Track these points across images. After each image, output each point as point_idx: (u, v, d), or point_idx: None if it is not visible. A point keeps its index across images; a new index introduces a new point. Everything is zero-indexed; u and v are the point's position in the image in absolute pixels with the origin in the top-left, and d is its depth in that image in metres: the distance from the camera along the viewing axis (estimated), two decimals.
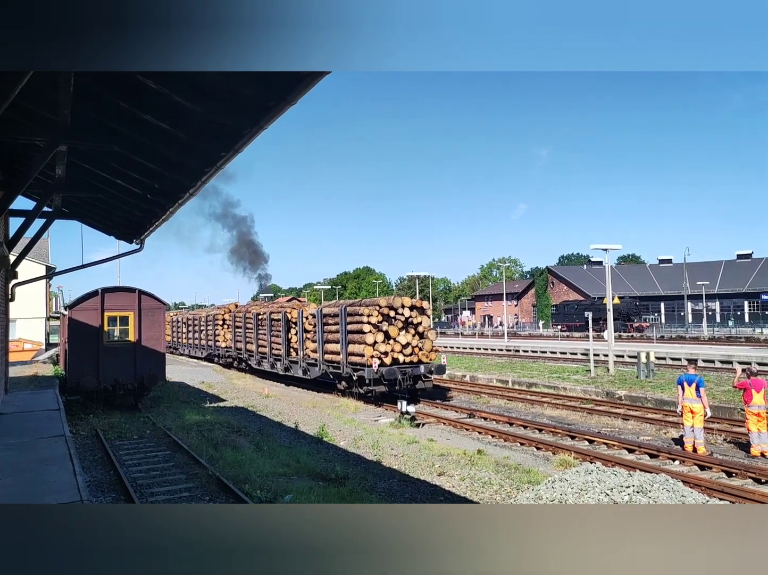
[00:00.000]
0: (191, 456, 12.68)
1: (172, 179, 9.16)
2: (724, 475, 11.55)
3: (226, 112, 6.35)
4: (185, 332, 44.02)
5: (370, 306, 21.17)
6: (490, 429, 16.44)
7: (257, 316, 30.18)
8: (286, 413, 19.27)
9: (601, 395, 21.32)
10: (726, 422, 16.02)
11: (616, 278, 70.19)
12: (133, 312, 19.40)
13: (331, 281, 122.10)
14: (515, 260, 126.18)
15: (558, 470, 11.48)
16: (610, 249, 28.15)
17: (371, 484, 10.79)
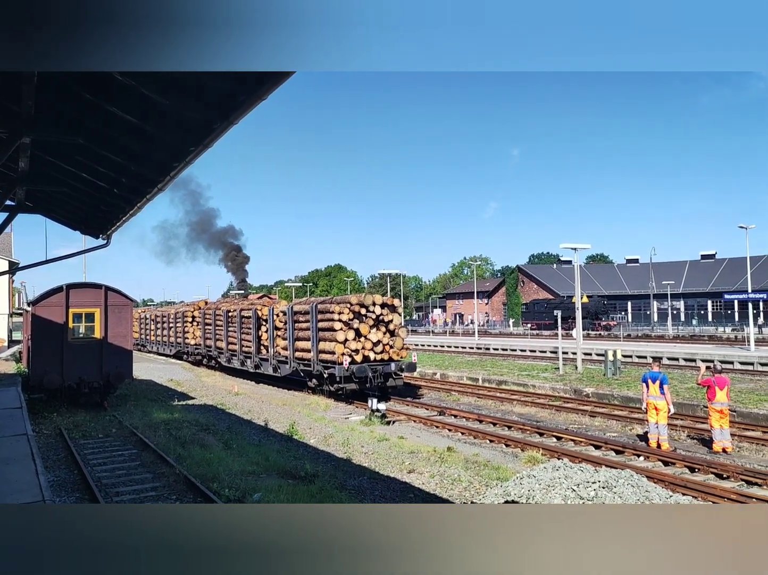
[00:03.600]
0: (158, 454, 12.50)
1: (140, 173, 9.00)
2: (687, 470, 11.81)
3: (195, 106, 6.25)
4: (153, 329, 43.38)
5: (342, 304, 21.12)
6: (460, 427, 16.55)
7: (227, 313, 29.88)
8: (255, 410, 19.12)
9: (569, 392, 21.63)
10: (689, 419, 16.39)
11: (585, 277, 71.30)
12: (99, 309, 19.03)
13: (302, 279, 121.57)
14: (486, 259, 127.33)
15: (526, 466, 11.61)
16: (580, 248, 28.57)
17: (341, 482, 10.77)
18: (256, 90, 5.46)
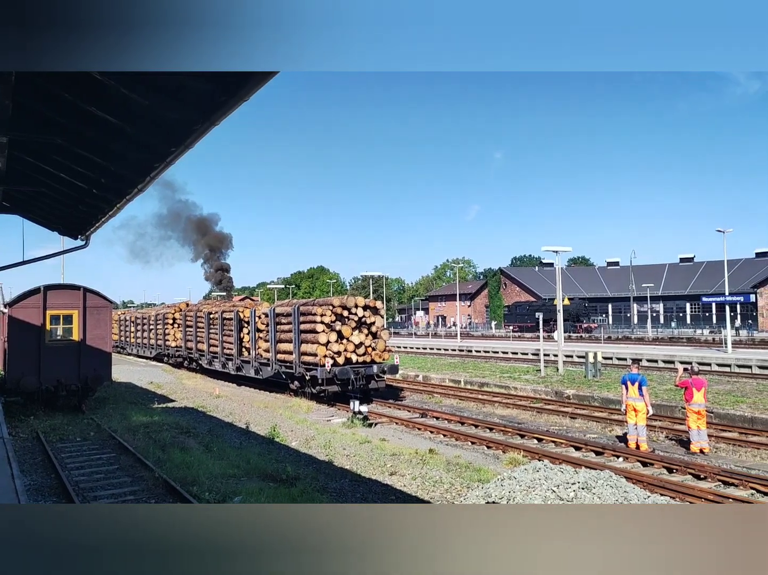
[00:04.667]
0: (137, 458, 12.37)
1: (120, 173, 8.91)
2: (665, 471, 11.95)
3: (175, 107, 6.21)
4: (134, 332, 42.95)
5: (324, 306, 21.08)
6: (441, 429, 16.59)
7: (209, 315, 29.67)
8: (237, 413, 19.00)
9: (550, 394, 21.78)
10: (668, 420, 16.58)
11: (566, 279, 71.90)
12: (78, 310, 18.80)
13: (284, 281, 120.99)
14: (468, 261, 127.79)
15: (507, 468, 11.66)
16: (561, 251, 28.80)
17: (322, 484, 10.74)
18: (237, 91, 5.44)
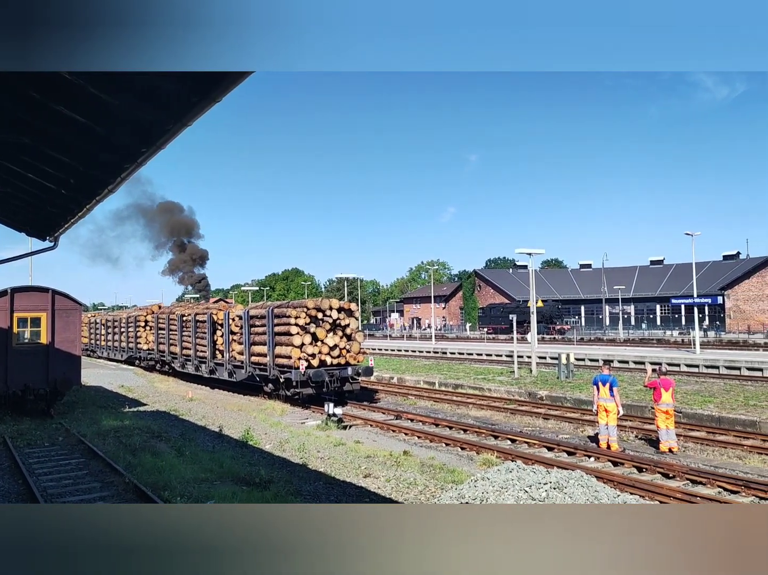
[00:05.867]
0: (107, 463, 12.16)
1: (89, 174, 8.76)
2: (635, 470, 12.14)
3: (147, 107, 6.13)
4: (104, 334, 42.26)
5: (298, 308, 20.99)
6: (416, 430, 16.62)
7: (182, 317, 29.34)
8: (210, 416, 18.80)
9: (523, 395, 21.98)
10: (638, 420, 16.85)
11: (540, 281, 72.61)
12: (46, 313, 18.42)
13: (259, 283, 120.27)
14: (443, 263, 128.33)
15: (481, 469, 11.73)
16: (534, 253, 29.07)
17: (296, 487, 10.68)
18: (209, 92, 5.39)
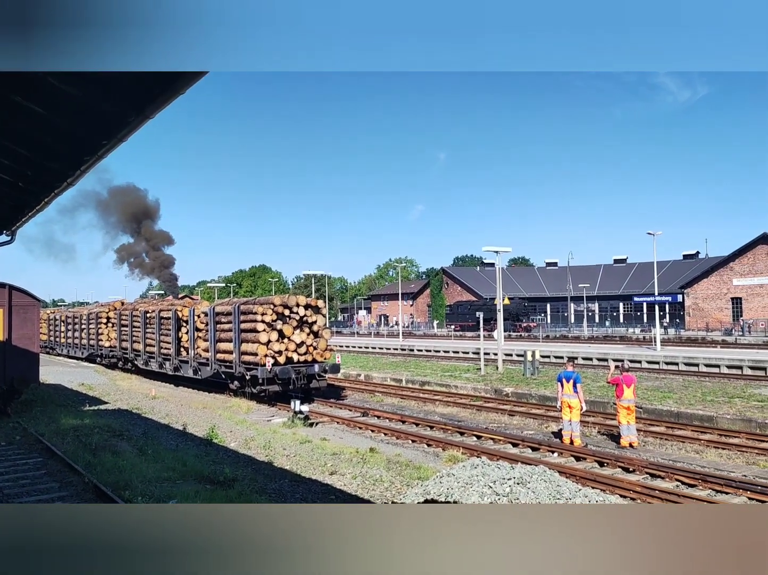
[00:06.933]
0: (66, 462, 11.88)
1: (48, 166, 8.54)
2: (596, 465, 12.36)
3: (108, 99, 5.99)
4: (64, 331, 41.28)
5: (265, 305, 20.81)
6: (383, 427, 16.65)
7: (145, 314, 28.82)
8: (174, 414, 18.52)
9: (490, 392, 22.19)
10: (600, 416, 17.17)
11: (506, 279, 73.45)
12: (3, 309, 17.89)
13: (225, 279, 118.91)
14: (411, 261, 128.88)
15: (447, 465, 11.82)
16: (501, 251, 29.35)
17: (261, 485, 10.59)
18: (172, 83, 5.29)
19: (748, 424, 15.27)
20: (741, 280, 59.02)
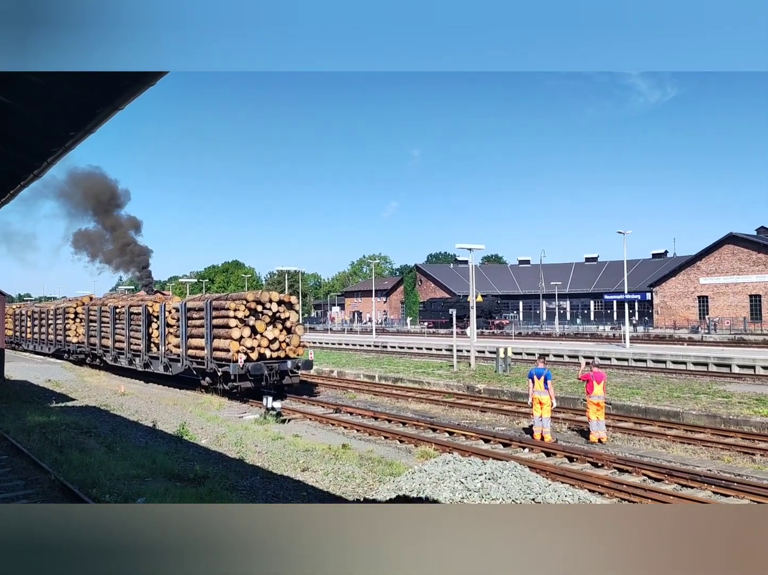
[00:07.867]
0: (32, 460, 11.63)
1: (14, 157, 8.32)
2: (566, 460, 12.53)
3: (74, 88, 5.85)
4: (30, 327, 40.40)
5: (237, 300, 20.63)
6: (355, 424, 16.64)
7: (114, 309, 28.36)
8: (143, 411, 18.27)
9: (462, 389, 22.33)
10: (570, 412, 17.40)
11: (479, 277, 73.88)
12: None
13: (198, 275, 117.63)
14: (385, 258, 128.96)
15: (419, 461, 11.86)
16: (474, 249, 29.54)
17: (232, 483, 10.50)
18: (142, 75, 5.19)
19: (713, 420, 15.62)
20: (707, 279, 60.24)
